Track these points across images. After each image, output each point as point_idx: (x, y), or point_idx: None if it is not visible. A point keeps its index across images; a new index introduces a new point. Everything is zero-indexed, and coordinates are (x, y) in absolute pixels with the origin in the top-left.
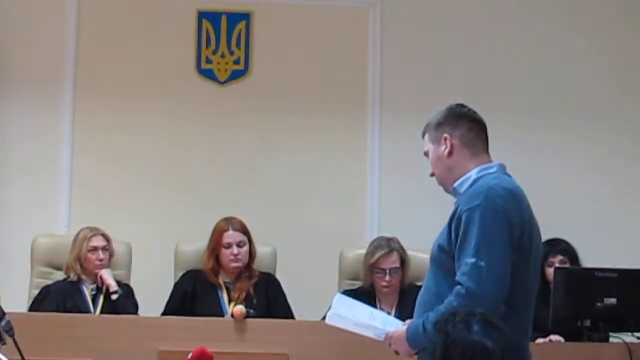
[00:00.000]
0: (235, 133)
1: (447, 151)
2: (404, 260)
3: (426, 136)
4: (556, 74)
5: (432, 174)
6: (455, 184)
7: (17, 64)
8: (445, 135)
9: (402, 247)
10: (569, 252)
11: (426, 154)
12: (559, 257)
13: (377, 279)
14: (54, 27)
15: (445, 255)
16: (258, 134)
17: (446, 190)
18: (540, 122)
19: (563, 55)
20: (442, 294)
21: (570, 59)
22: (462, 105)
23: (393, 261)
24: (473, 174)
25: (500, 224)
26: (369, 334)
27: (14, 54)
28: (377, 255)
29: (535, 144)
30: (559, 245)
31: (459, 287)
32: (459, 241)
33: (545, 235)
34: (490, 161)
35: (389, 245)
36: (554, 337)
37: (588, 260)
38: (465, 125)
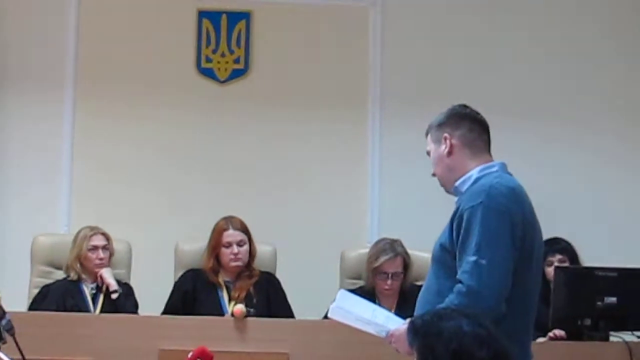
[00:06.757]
0: (235, 132)
1: (447, 150)
2: (407, 264)
3: (429, 136)
4: (556, 74)
5: (434, 174)
6: (457, 183)
7: (17, 69)
8: (445, 134)
9: (406, 251)
10: (569, 251)
11: (428, 153)
12: (559, 256)
13: (379, 281)
14: (53, 28)
15: (447, 254)
16: (258, 133)
17: (447, 190)
18: (540, 122)
19: (563, 55)
20: (443, 292)
21: (569, 59)
22: (464, 106)
23: (397, 266)
24: (474, 173)
25: (502, 222)
26: (370, 330)
27: (14, 60)
28: (381, 260)
29: (535, 144)
30: (558, 245)
31: (459, 285)
32: (460, 239)
33: (545, 235)
34: (492, 161)
35: (393, 249)
36: (557, 332)
37: (588, 259)
38: (467, 126)
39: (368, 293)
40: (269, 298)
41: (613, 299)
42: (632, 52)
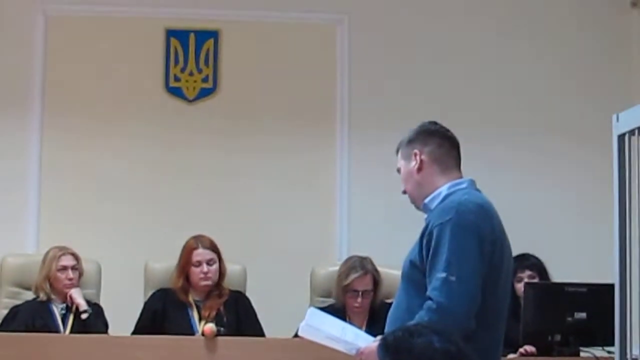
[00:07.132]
0: (203, 151)
1: (416, 167)
2: (377, 281)
3: (399, 153)
4: (524, 91)
5: (404, 191)
6: (426, 200)
7: None
8: (415, 151)
9: (375, 269)
10: (538, 267)
11: (399, 170)
12: (528, 272)
13: (349, 299)
14: (21, 46)
15: (417, 271)
16: (226, 152)
17: (417, 207)
18: (509, 139)
19: (531, 72)
20: (413, 309)
21: (538, 76)
22: (434, 123)
23: (366, 283)
24: (444, 189)
25: (471, 239)
26: (340, 347)
27: None
28: (351, 277)
29: (503, 160)
30: (527, 261)
31: (429, 302)
32: (430, 256)
33: (514, 251)
34: (461, 177)
35: (363, 266)
36: (527, 348)
37: (557, 275)
38: (436, 142)
39: (338, 311)
40: (239, 317)
41: (583, 315)
42: (597, 70)
